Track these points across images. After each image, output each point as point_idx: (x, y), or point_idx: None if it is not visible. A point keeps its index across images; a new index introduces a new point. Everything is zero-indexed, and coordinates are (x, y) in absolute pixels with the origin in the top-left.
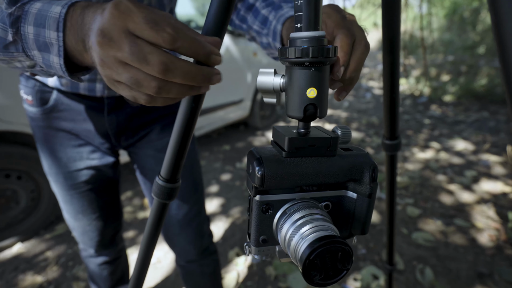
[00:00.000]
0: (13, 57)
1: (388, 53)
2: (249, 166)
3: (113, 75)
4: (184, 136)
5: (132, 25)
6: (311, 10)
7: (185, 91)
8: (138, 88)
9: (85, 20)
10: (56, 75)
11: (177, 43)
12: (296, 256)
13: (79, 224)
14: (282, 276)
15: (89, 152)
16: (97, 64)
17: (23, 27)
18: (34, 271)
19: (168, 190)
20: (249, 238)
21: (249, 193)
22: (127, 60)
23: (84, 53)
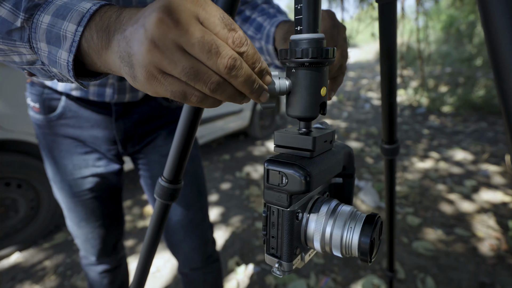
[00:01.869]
0: (14, 46)
1: (385, 60)
2: (280, 177)
3: (164, 63)
4: (187, 137)
5: (204, 15)
6: (310, 13)
7: (235, 96)
8: (194, 82)
9: (121, 16)
10: (56, 77)
11: (244, 47)
12: (350, 245)
13: (82, 231)
14: (282, 286)
15: (95, 159)
16: (140, 51)
17: (38, 15)
18: (32, 280)
19: (170, 191)
20: (279, 257)
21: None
22: (193, 46)
23: (102, 50)
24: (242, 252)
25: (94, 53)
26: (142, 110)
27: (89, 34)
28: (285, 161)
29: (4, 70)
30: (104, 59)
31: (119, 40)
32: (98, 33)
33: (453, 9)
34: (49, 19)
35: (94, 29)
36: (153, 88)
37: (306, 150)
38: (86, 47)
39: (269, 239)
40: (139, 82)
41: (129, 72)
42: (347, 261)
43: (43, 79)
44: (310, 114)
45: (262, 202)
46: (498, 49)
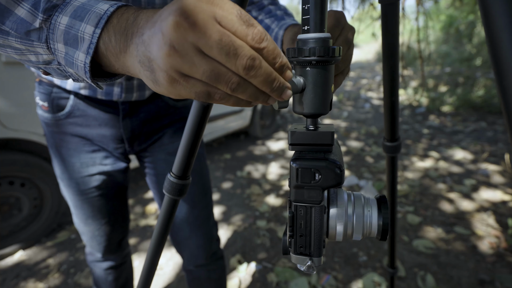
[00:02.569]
0: (32, 46)
1: (387, 59)
2: (313, 174)
3: (184, 66)
4: (196, 134)
5: (222, 13)
6: (317, 13)
7: (257, 95)
8: (216, 84)
9: (138, 18)
10: (72, 77)
11: (264, 42)
12: (370, 227)
13: (89, 228)
14: (284, 283)
15: (102, 157)
16: (160, 55)
17: (56, 16)
18: (35, 278)
19: (179, 186)
20: (310, 254)
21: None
22: (211, 49)
23: (121, 54)
24: (244, 250)
25: (112, 56)
26: (148, 109)
27: (107, 37)
28: (313, 157)
29: (8, 70)
30: (123, 62)
31: (138, 44)
32: (116, 36)
33: (453, 9)
34: (67, 20)
35: (112, 31)
36: (176, 91)
37: (326, 145)
38: (104, 49)
39: (297, 238)
40: (162, 86)
41: (150, 76)
42: (348, 259)
43: (58, 78)
44: (322, 111)
45: (263, 201)
46: (499, 47)
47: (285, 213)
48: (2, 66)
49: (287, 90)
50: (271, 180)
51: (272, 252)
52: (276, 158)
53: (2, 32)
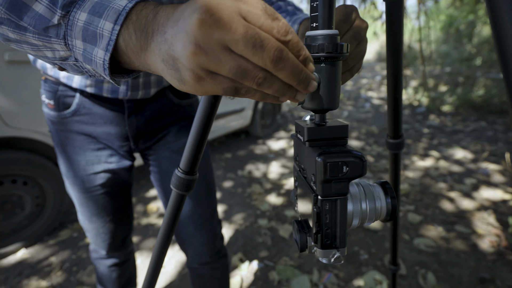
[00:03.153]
0: (49, 42)
1: (391, 57)
2: (341, 167)
3: (211, 64)
4: (203, 129)
5: (246, 8)
6: (326, 10)
7: (284, 90)
8: (242, 79)
9: (158, 15)
10: (89, 73)
11: (289, 35)
12: (380, 211)
13: (93, 226)
14: (286, 281)
15: (108, 155)
16: (185, 54)
17: (74, 12)
18: (38, 276)
19: (186, 182)
20: (336, 246)
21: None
22: (237, 44)
23: (141, 51)
24: (245, 249)
25: (133, 53)
26: (153, 107)
27: (127, 34)
28: (338, 151)
29: (11, 68)
30: (144, 59)
31: (160, 43)
32: (137, 33)
33: (453, 9)
34: (86, 16)
35: (132, 28)
36: (203, 88)
37: (342, 138)
38: (124, 46)
39: (324, 233)
40: (187, 84)
41: (175, 75)
42: (349, 257)
43: (74, 73)
44: (333, 106)
45: (264, 200)
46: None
47: (286, 212)
48: (5, 65)
49: (312, 81)
50: (272, 179)
51: (274, 250)
52: (277, 157)
53: (20, 28)
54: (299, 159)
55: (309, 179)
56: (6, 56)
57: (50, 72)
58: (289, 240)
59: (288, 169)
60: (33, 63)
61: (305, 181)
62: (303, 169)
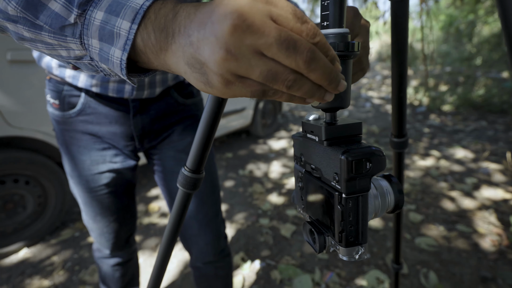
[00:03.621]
0: (65, 41)
1: (396, 56)
2: (365, 164)
3: (241, 69)
4: (210, 128)
5: (277, 11)
6: (337, 8)
7: (313, 91)
8: (272, 82)
9: (178, 15)
10: (104, 72)
11: (318, 37)
12: (390, 204)
13: (98, 225)
14: (288, 280)
15: (112, 155)
16: (214, 59)
17: (91, 11)
18: (40, 275)
19: (193, 180)
20: (360, 242)
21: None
22: (271, 47)
23: (161, 52)
24: (247, 248)
25: (152, 53)
26: (158, 106)
27: (145, 34)
28: (360, 148)
29: (14, 68)
30: (163, 60)
31: (184, 46)
32: (156, 33)
33: (453, 9)
34: (102, 15)
35: (150, 28)
36: (231, 92)
37: (357, 135)
38: (142, 46)
39: (348, 230)
40: (215, 87)
41: (201, 78)
42: None
43: (88, 72)
44: (344, 105)
45: (265, 199)
46: None
47: (288, 211)
48: (7, 65)
49: (342, 81)
50: (273, 179)
51: (275, 249)
52: (278, 157)
53: (36, 26)
54: (307, 160)
55: (328, 178)
56: (9, 55)
57: (55, 72)
58: (290, 239)
59: (289, 169)
60: (38, 62)
61: (318, 182)
62: (314, 169)
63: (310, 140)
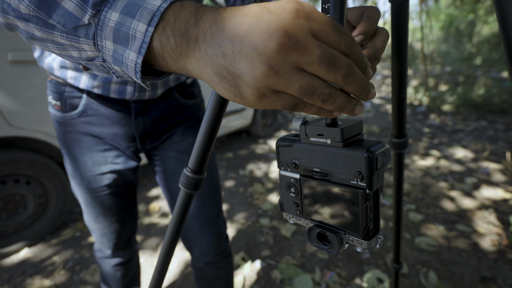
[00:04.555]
0: (77, 42)
1: (396, 57)
2: (382, 158)
3: (280, 84)
4: (212, 129)
5: (318, 27)
6: (337, 11)
7: (345, 104)
8: (308, 98)
9: (203, 19)
10: (116, 74)
11: (354, 47)
12: None
13: (99, 226)
14: (288, 280)
15: (114, 156)
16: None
17: (106, 12)
18: (41, 275)
19: (195, 181)
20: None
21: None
22: (313, 64)
23: (182, 57)
24: (248, 248)
25: (171, 58)
26: (160, 107)
27: (164, 37)
28: (375, 144)
29: (15, 69)
30: (183, 64)
31: (212, 55)
32: (176, 37)
33: (453, 8)
34: (117, 16)
35: (170, 32)
36: (262, 104)
37: (360, 133)
38: (160, 49)
39: (369, 224)
40: (246, 99)
41: (231, 89)
42: (351, 256)
43: (99, 73)
44: None
45: (265, 199)
46: None
47: None
48: (9, 65)
49: (372, 90)
50: (273, 179)
51: (276, 249)
52: None
53: (48, 26)
54: (309, 164)
55: (344, 178)
56: (10, 56)
57: (57, 73)
58: (291, 239)
59: None
60: (39, 63)
61: (327, 184)
62: (319, 172)
63: (316, 144)
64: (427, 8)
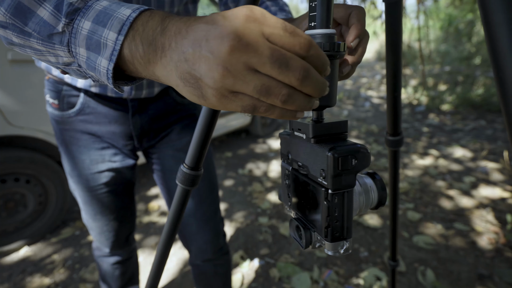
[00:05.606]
0: (53, 48)
1: (391, 56)
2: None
3: (236, 85)
4: (209, 125)
5: (269, 30)
6: (324, 9)
7: (305, 104)
8: (266, 98)
9: (168, 28)
10: (92, 78)
11: (312, 50)
12: (374, 200)
13: (97, 224)
14: (286, 278)
15: (112, 154)
16: (211, 76)
17: (79, 20)
18: (41, 273)
19: (192, 177)
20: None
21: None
22: (264, 65)
23: (150, 64)
24: (246, 247)
25: (140, 65)
26: (157, 106)
27: (133, 45)
28: (346, 145)
29: (14, 68)
30: (152, 71)
31: (178, 61)
32: (144, 45)
33: (452, 8)
34: (90, 25)
35: (138, 40)
36: (223, 105)
37: (343, 133)
38: (130, 57)
39: (333, 226)
40: (208, 101)
41: (194, 92)
42: (349, 255)
43: (77, 77)
44: (331, 103)
45: (264, 198)
46: (498, 45)
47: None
48: (8, 64)
49: (327, 87)
50: (272, 178)
51: (274, 248)
52: (277, 156)
53: (24, 33)
54: (295, 157)
55: (314, 175)
56: (9, 55)
57: (54, 72)
58: (289, 238)
59: None
60: (37, 63)
61: (305, 178)
62: (301, 167)
63: (298, 138)
64: (424, 8)
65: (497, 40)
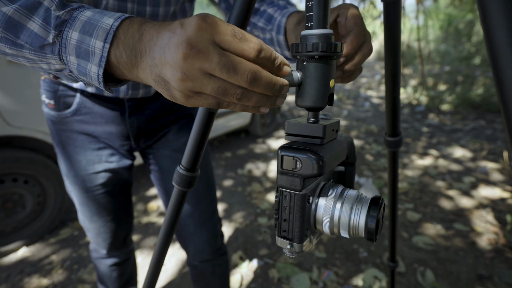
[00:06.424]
0: (45, 57)
1: (389, 56)
2: (294, 162)
3: (196, 87)
4: (205, 126)
5: (219, 37)
6: (321, 9)
7: (263, 100)
8: (224, 97)
9: (144, 35)
10: (83, 82)
11: (261, 53)
12: (357, 226)
13: (94, 225)
14: (285, 279)
15: (108, 155)
16: (174, 80)
17: (67, 31)
18: (39, 274)
19: (188, 178)
20: (291, 239)
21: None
22: (214, 70)
23: (133, 68)
24: (246, 247)
25: (125, 69)
26: (154, 105)
27: (118, 52)
28: (298, 147)
29: (13, 68)
30: (135, 74)
31: (151, 66)
32: (126, 52)
33: (452, 8)
34: (77, 35)
35: (121, 47)
36: (191, 103)
37: (317, 137)
38: (116, 62)
39: (281, 222)
40: (178, 100)
41: (166, 93)
42: (349, 255)
43: (69, 82)
44: (319, 104)
45: (264, 198)
46: (496, 45)
47: None
48: (6, 65)
49: (286, 87)
50: (271, 178)
51: (274, 248)
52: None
53: (17, 45)
54: None
55: None
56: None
57: None
58: None
59: None
60: None
61: None
62: None
63: None
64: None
65: (496, 41)
